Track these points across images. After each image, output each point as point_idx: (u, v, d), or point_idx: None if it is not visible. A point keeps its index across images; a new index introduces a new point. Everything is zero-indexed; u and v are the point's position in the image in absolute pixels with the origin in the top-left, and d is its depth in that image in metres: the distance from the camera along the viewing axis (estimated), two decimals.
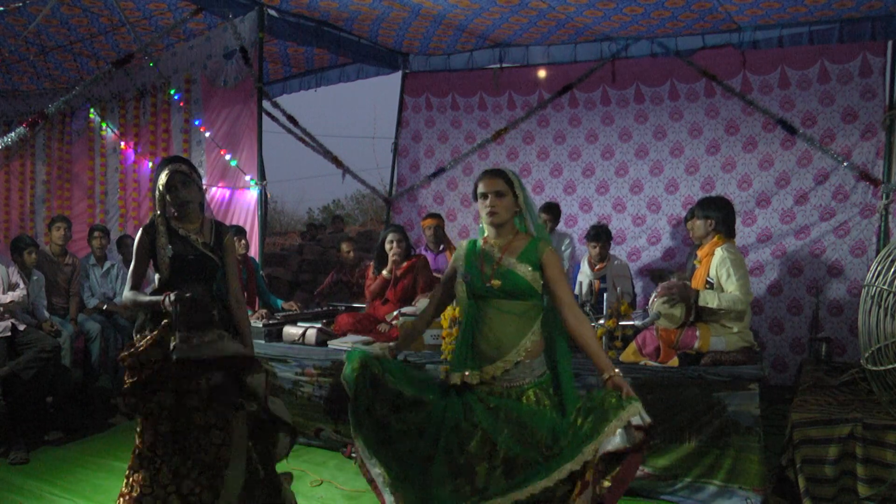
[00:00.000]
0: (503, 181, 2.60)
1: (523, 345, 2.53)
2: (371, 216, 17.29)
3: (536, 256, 2.56)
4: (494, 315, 2.56)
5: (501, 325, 2.54)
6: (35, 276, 5.21)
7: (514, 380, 2.54)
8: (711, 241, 4.16)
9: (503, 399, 2.53)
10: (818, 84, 5.72)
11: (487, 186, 2.60)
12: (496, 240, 2.63)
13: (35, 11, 5.20)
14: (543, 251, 2.57)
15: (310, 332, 4.82)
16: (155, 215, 2.92)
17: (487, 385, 2.55)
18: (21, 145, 7.17)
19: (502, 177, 2.62)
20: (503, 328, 2.54)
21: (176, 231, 2.91)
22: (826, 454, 3.26)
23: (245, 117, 5.72)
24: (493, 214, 2.59)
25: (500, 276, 2.55)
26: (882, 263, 3.34)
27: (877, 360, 3.30)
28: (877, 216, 5.49)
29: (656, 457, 3.74)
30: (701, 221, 4.21)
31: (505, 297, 2.55)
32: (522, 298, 2.55)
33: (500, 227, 2.62)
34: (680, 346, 3.97)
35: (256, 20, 5.50)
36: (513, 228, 2.65)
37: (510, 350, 2.52)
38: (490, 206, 2.58)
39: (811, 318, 5.46)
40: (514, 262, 2.56)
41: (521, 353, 2.52)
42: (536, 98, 6.77)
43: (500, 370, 2.52)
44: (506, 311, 2.55)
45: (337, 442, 4.54)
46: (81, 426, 5.03)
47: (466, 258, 2.67)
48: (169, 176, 2.88)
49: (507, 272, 2.55)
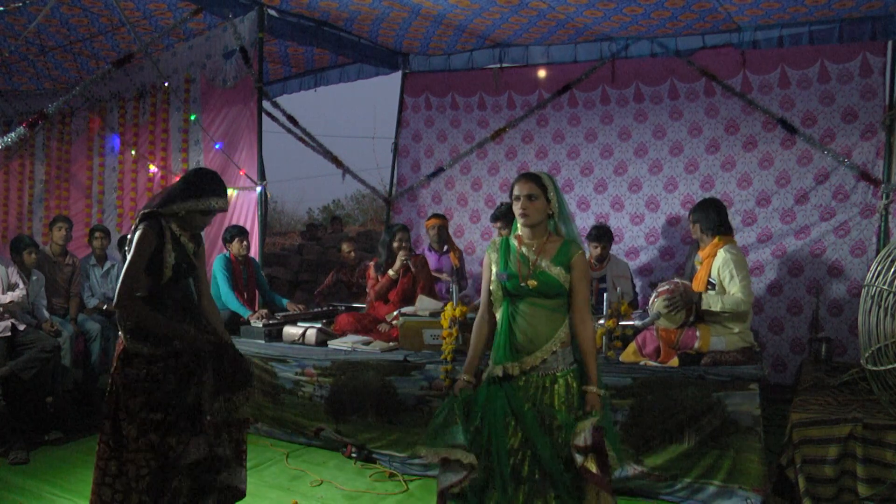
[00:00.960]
0: (536, 185, 2.77)
1: (558, 336, 2.75)
2: (371, 216, 17.30)
3: (568, 259, 2.76)
4: (529, 311, 2.77)
5: (536, 320, 2.75)
6: (34, 276, 5.21)
7: (549, 369, 2.73)
8: (712, 242, 4.17)
9: (538, 392, 2.72)
10: (818, 84, 5.72)
11: (521, 189, 2.78)
12: (530, 240, 2.82)
13: (35, 11, 5.20)
14: (574, 254, 2.77)
15: (310, 332, 4.82)
16: (166, 221, 2.91)
17: (525, 375, 2.73)
18: (20, 145, 7.17)
19: (535, 181, 2.78)
20: (538, 322, 2.75)
21: (178, 238, 2.94)
22: (826, 454, 3.26)
23: (245, 117, 5.72)
24: (524, 216, 2.78)
25: (535, 277, 2.74)
26: (882, 263, 3.34)
27: (877, 360, 3.30)
28: (877, 216, 5.49)
29: (656, 457, 3.74)
30: (693, 226, 4.32)
31: (539, 296, 2.75)
32: (554, 297, 2.76)
33: (532, 228, 2.80)
34: (680, 347, 3.97)
35: (256, 20, 5.50)
36: (545, 230, 2.82)
37: (546, 342, 2.73)
38: (522, 209, 2.77)
39: (811, 318, 5.46)
40: (548, 263, 2.76)
41: (557, 344, 2.74)
42: (536, 98, 6.77)
43: (539, 360, 2.73)
44: (539, 307, 2.76)
45: (337, 442, 4.54)
46: (81, 426, 5.03)
47: (502, 257, 2.85)
48: (213, 209, 2.94)
49: (542, 273, 2.74)
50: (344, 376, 4.49)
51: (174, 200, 2.91)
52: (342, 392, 4.49)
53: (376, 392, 4.38)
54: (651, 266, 6.27)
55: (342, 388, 4.49)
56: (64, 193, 7.06)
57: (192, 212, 2.93)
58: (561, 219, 2.83)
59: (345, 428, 4.50)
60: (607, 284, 5.23)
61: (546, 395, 2.71)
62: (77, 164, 7.00)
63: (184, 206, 2.91)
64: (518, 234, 2.86)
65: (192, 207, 2.92)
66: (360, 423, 4.43)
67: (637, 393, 3.80)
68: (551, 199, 2.78)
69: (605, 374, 3.85)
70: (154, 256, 2.84)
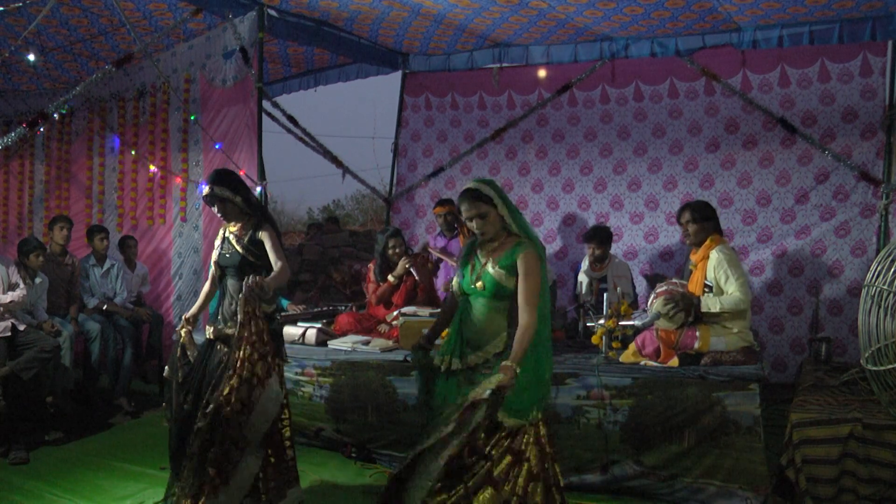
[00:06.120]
0: (483, 203, 2.86)
1: (501, 338, 2.86)
2: (371, 216, 17.28)
3: (512, 260, 2.84)
4: (479, 309, 2.91)
5: (484, 319, 2.89)
6: (39, 279, 5.20)
7: (488, 368, 2.83)
8: (705, 244, 4.17)
9: (472, 386, 2.79)
10: (818, 83, 5.71)
11: (468, 212, 2.89)
12: (488, 244, 2.95)
13: (35, 12, 5.19)
14: (519, 255, 2.84)
15: (310, 332, 4.82)
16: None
17: (470, 371, 2.87)
18: (20, 145, 7.16)
19: (480, 198, 2.86)
20: (485, 321, 2.89)
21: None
22: (826, 454, 3.26)
23: (244, 117, 5.71)
24: (483, 234, 2.91)
25: (482, 279, 2.88)
26: (882, 263, 3.34)
27: (877, 360, 3.30)
28: (877, 216, 5.49)
29: (656, 457, 3.74)
30: (691, 225, 4.28)
31: (487, 296, 2.88)
32: (499, 298, 2.86)
33: (491, 238, 2.93)
34: (680, 347, 3.97)
35: (256, 20, 5.49)
36: (501, 232, 2.92)
37: (490, 342, 2.87)
38: (479, 229, 2.90)
39: (811, 318, 5.46)
40: (493, 266, 2.87)
41: (500, 346, 2.85)
42: (536, 97, 6.76)
43: (482, 359, 2.86)
44: (485, 307, 2.89)
45: (337, 442, 4.54)
46: (81, 426, 5.04)
47: (464, 258, 3.02)
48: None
49: (486, 275, 2.87)
50: (344, 376, 4.49)
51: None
52: (342, 392, 4.49)
53: (376, 392, 4.38)
54: (650, 264, 6.27)
55: (342, 388, 4.49)
56: (64, 193, 7.06)
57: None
58: (512, 218, 2.89)
59: (345, 428, 4.50)
60: (607, 284, 5.22)
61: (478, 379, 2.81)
62: (77, 164, 7.00)
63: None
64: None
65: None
66: (360, 423, 4.43)
67: (637, 393, 3.80)
68: (498, 205, 2.86)
69: (605, 374, 3.87)
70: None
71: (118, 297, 5.93)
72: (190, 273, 6.05)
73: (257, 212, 3.52)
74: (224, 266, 3.51)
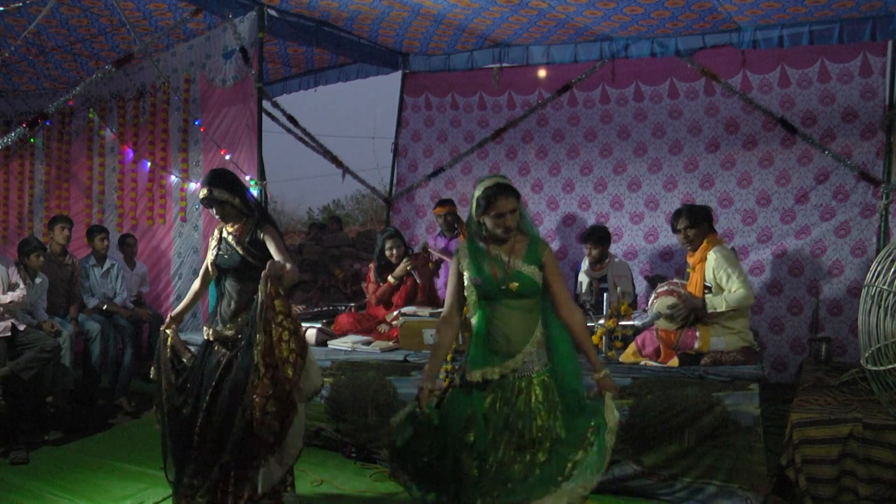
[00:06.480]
0: (516, 199, 2.76)
1: (535, 337, 2.76)
2: (371, 216, 17.29)
3: (538, 256, 2.77)
4: (506, 313, 2.76)
5: (513, 322, 2.76)
6: (39, 279, 5.20)
7: (526, 370, 2.74)
8: (702, 246, 4.17)
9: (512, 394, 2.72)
10: (818, 83, 5.72)
11: (506, 206, 2.72)
12: (504, 245, 2.80)
13: (35, 12, 5.19)
14: (543, 251, 2.78)
15: (310, 332, 4.82)
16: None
17: (502, 379, 2.73)
18: (20, 145, 7.16)
19: (516, 195, 2.76)
20: (515, 324, 2.75)
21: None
22: (826, 454, 3.26)
23: (244, 117, 5.71)
24: (509, 230, 2.75)
25: (514, 279, 2.73)
26: (882, 263, 3.34)
27: (877, 360, 3.30)
28: (877, 216, 5.49)
29: (656, 457, 3.74)
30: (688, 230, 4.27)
31: (515, 297, 2.75)
32: (530, 296, 2.76)
33: (504, 238, 2.80)
34: (680, 347, 3.97)
35: (256, 20, 5.49)
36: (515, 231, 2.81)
37: (524, 343, 2.73)
38: (512, 224, 2.74)
39: (811, 318, 5.46)
40: (522, 264, 2.76)
41: (534, 345, 2.75)
42: (536, 97, 6.76)
43: (520, 362, 2.73)
44: (515, 309, 2.76)
45: (337, 442, 4.54)
46: (81, 426, 5.03)
47: (472, 261, 2.81)
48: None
49: (519, 274, 2.74)
50: (344, 376, 4.49)
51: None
52: (342, 392, 4.49)
53: (376, 392, 4.38)
54: (650, 265, 6.27)
55: (342, 388, 4.49)
56: (64, 193, 7.06)
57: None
58: (523, 218, 2.84)
59: (345, 428, 4.50)
60: (608, 284, 5.22)
61: (522, 397, 2.71)
62: (77, 164, 7.00)
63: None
64: (485, 236, 2.82)
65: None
66: (360, 423, 4.43)
67: (637, 393, 3.80)
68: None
69: None
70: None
71: (118, 297, 5.93)
72: (190, 273, 6.05)
73: (256, 211, 3.44)
74: (223, 267, 3.39)
